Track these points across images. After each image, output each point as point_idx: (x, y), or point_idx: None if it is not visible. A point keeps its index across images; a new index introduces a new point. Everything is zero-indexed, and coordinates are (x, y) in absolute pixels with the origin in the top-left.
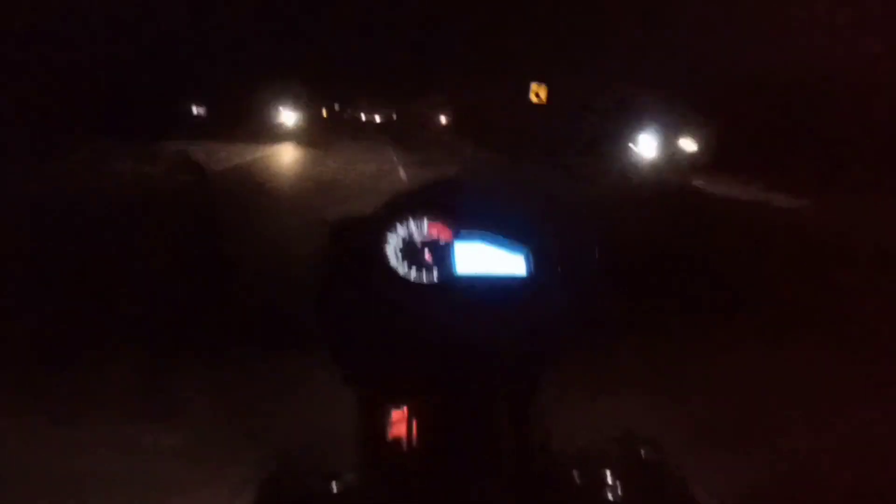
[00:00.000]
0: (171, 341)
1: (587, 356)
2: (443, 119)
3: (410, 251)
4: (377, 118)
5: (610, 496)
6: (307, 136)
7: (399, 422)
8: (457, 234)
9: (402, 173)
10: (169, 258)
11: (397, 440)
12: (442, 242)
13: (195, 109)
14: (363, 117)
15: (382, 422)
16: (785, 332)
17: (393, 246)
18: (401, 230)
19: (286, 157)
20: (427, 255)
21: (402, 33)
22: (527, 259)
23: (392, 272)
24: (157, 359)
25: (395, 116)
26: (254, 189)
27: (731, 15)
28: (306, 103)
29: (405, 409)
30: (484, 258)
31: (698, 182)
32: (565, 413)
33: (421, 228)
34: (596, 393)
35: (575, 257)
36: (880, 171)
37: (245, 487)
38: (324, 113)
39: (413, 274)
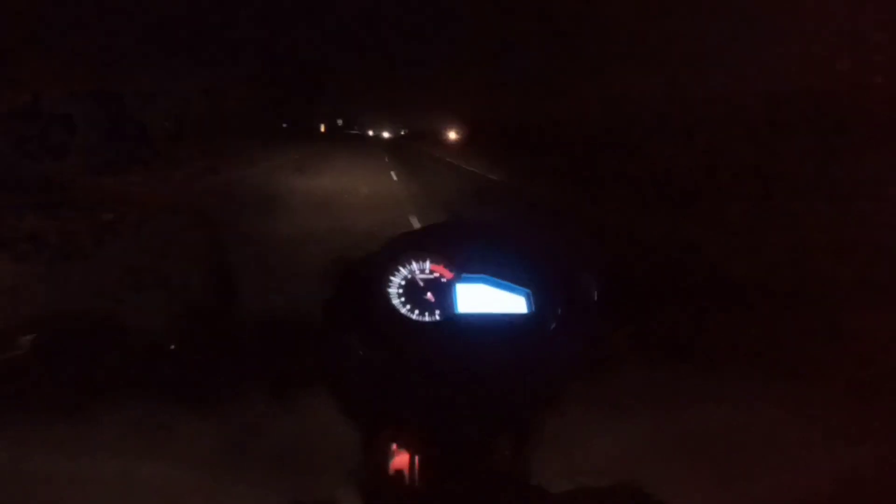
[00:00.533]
0: (171, 377)
1: (588, 390)
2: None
3: (412, 291)
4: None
5: None
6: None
7: (401, 458)
8: (459, 276)
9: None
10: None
11: (399, 477)
12: (444, 282)
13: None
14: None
15: (385, 458)
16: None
17: (395, 286)
18: (404, 271)
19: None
20: (429, 295)
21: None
22: (528, 299)
23: (394, 311)
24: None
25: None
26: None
27: None
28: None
29: (407, 446)
30: (485, 298)
31: None
32: (566, 448)
33: (424, 269)
34: (597, 429)
35: (575, 296)
36: None
37: None
38: (322, 128)
39: (415, 313)
